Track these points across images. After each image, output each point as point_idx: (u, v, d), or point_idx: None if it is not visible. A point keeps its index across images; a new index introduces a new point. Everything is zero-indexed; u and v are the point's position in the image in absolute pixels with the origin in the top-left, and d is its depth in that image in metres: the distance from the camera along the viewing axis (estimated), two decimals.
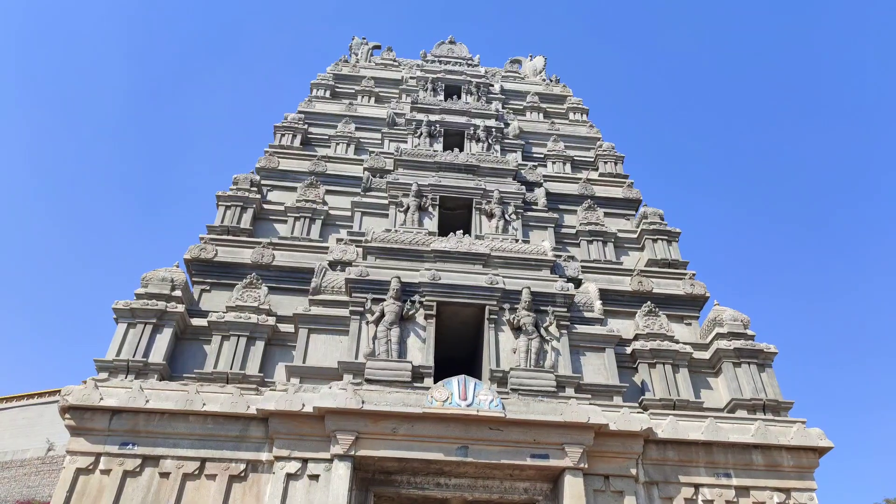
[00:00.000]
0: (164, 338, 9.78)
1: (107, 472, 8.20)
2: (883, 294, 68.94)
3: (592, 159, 15.82)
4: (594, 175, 15.19)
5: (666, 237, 13.13)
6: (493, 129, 15.20)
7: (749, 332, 10.93)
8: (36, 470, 34.74)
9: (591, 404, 9.21)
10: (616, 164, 15.55)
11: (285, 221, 12.76)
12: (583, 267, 12.16)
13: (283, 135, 15.13)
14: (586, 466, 8.63)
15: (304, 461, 8.42)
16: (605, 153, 15.66)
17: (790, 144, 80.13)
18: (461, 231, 11.90)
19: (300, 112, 16.03)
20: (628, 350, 10.79)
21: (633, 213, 14.30)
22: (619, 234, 13.39)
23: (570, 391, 9.70)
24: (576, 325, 10.62)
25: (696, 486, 8.96)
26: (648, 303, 11.37)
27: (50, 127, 76.37)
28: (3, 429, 38.08)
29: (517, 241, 12.03)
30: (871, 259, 72.35)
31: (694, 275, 12.36)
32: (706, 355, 10.86)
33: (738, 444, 9.15)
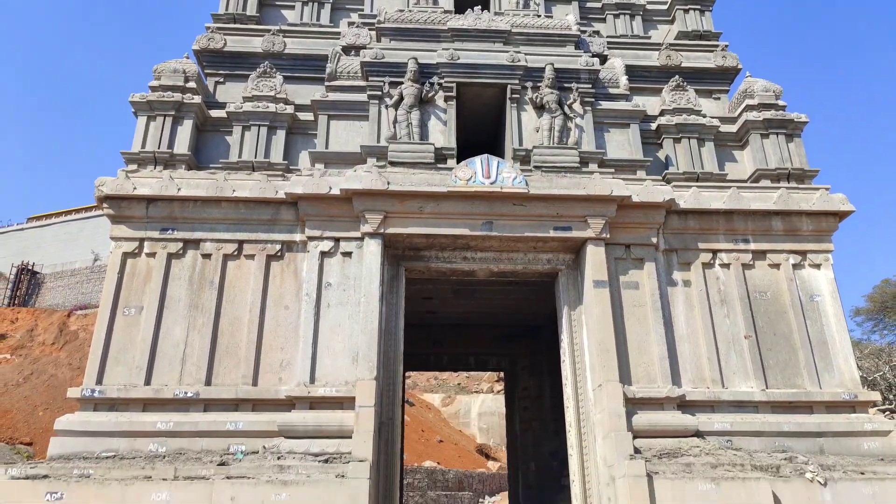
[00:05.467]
0: (186, 129, 9.77)
1: (152, 254, 8.68)
2: None
3: None
4: None
5: (698, 6, 12.26)
6: None
7: (780, 102, 10.59)
8: (86, 278, 37.20)
9: (614, 178, 9.26)
10: None
11: (293, 7, 12.06)
12: (609, 43, 11.56)
13: None
14: (608, 237, 8.90)
15: (336, 240, 8.79)
16: None
17: None
18: (479, 7, 11.18)
19: None
20: (653, 126, 10.60)
21: None
22: (648, 7, 12.52)
23: (593, 167, 9.71)
24: (600, 102, 10.35)
25: (714, 252, 9.26)
26: (676, 77, 10.92)
27: None
28: (48, 244, 40.26)
29: (539, 16, 11.33)
30: None
31: (726, 46, 11.72)
32: (733, 128, 10.65)
33: (759, 211, 9.28)
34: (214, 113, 10.24)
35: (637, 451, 7.75)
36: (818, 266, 9.25)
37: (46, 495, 6.85)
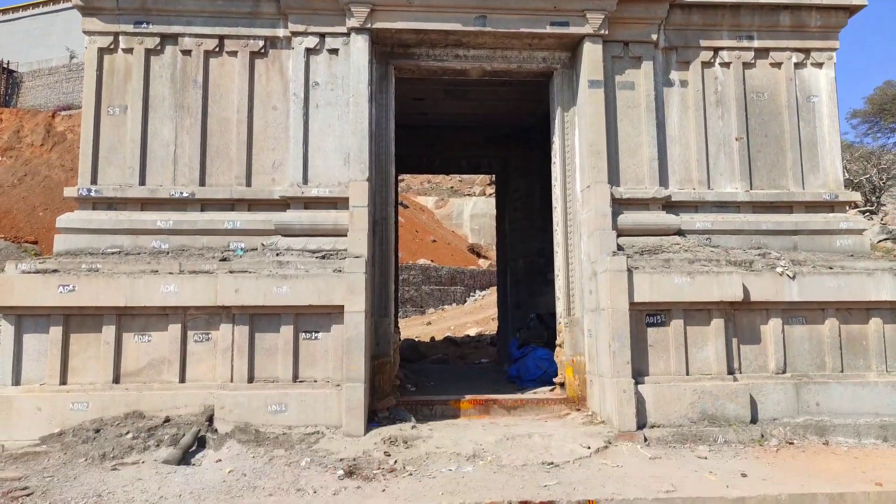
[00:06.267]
0: None
1: (129, 50, 8.30)
2: None
3: None
4: None
5: None
6: None
7: None
8: (65, 77, 35.83)
9: None
10: None
11: None
12: None
13: None
14: (606, 33, 8.50)
15: (322, 36, 8.38)
16: None
17: None
18: None
19: None
20: None
21: None
22: None
23: None
24: None
25: (716, 50, 8.92)
26: None
27: None
28: (20, 40, 38.12)
29: None
30: None
31: None
32: None
33: (768, 4, 8.78)
34: None
35: (620, 248, 8.11)
36: (820, 65, 8.98)
37: (59, 288, 7.25)
